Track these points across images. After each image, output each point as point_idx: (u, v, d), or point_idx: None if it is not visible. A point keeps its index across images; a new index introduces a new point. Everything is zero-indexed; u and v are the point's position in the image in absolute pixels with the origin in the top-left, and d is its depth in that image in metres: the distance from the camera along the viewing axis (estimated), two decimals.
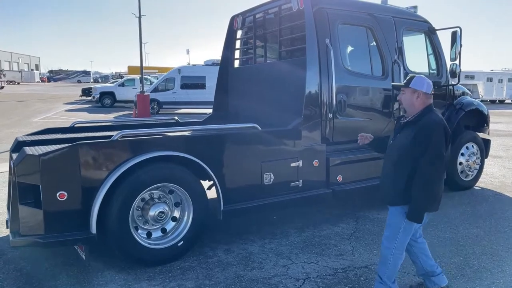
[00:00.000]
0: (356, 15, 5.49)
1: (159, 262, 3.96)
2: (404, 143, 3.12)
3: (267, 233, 4.85)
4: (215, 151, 4.21)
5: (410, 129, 3.12)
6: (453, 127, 6.39)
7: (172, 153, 3.90)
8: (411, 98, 3.18)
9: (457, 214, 5.58)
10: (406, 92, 3.22)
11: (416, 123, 3.11)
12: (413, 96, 3.17)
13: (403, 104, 3.26)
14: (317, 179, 4.99)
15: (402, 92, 3.26)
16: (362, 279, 3.75)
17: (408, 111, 3.23)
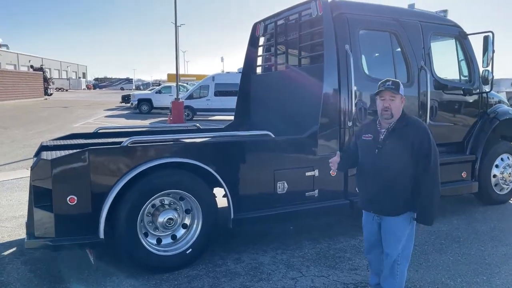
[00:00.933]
0: (379, 20, 5.31)
1: (167, 269, 3.95)
2: (403, 149, 3.01)
3: (280, 244, 4.73)
4: (226, 159, 4.17)
5: (402, 134, 3.05)
6: (486, 137, 6.03)
7: (180, 160, 3.90)
8: (399, 104, 3.13)
9: (487, 230, 5.23)
10: (397, 99, 3.11)
11: (406, 126, 3.07)
12: (400, 102, 3.14)
13: (393, 110, 3.10)
14: (334, 189, 4.84)
15: (392, 98, 3.10)
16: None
17: (395, 117, 3.12)
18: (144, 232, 3.96)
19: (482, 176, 6.06)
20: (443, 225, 5.39)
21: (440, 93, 5.69)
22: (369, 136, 3.20)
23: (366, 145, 3.21)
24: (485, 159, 6.06)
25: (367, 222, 3.32)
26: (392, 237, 3.12)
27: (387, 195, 3.07)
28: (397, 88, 3.09)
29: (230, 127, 6.71)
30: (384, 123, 3.16)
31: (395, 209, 3.08)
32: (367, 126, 3.34)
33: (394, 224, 3.09)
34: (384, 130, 3.15)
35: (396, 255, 3.12)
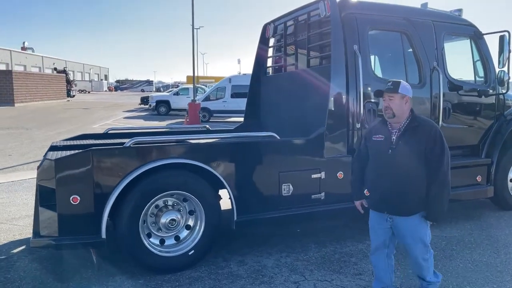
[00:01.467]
0: (390, 20, 5.20)
1: (169, 270, 3.94)
2: (416, 149, 3.05)
3: (286, 246, 4.68)
4: (229, 160, 4.14)
5: (415, 133, 3.08)
6: (503, 140, 5.83)
7: (183, 161, 3.89)
8: (401, 104, 3.13)
9: (502, 236, 5.05)
10: (395, 98, 3.12)
11: (418, 126, 3.10)
12: (402, 102, 3.13)
13: (394, 110, 3.13)
14: (341, 192, 4.73)
15: (390, 98, 3.14)
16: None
17: (398, 117, 3.14)
18: (147, 232, 3.97)
19: (498, 181, 5.85)
20: (455, 230, 5.23)
21: (454, 95, 5.54)
22: (381, 137, 3.21)
23: (377, 145, 3.22)
24: (501, 162, 5.86)
25: (377, 223, 3.31)
26: (412, 238, 3.15)
27: (401, 195, 3.08)
28: (395, 88, 3.11)
29: (239, 128, 6.71)
30: (393, 123, 3.18)
31: (408, 208, 3.10)
32: (377, 127, 3.33)
33: (409, 224, 3.12)
34: (396, 130, 3.16)
35: (422, 254, 3.19)
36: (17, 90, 30.53)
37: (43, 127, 17.81)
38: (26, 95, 31.89)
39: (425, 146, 3.04)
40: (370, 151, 3.30)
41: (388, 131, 3.19)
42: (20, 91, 30.93)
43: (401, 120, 3.15)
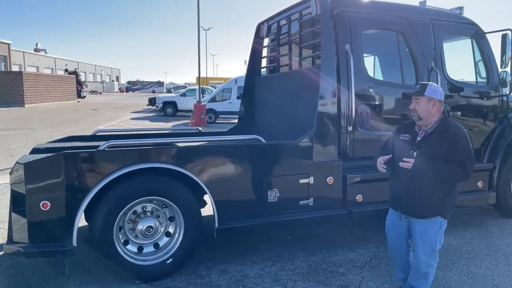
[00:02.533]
0: (385, 18, 4.97)
1: (146, 279, 3.78)
2: (437, 154, 3.03)
3: (273, 254, 4.48)
4: (210, 164, 3.95)
5: (440, 138, 3.07)
6: (506, 144, 5.55)
7: (159, 166, 3.72)
8: (427, 107, 3.12)
9: (503, 246, 4.78)
10: (421, 101, 3.13)
11: (444, 131, 3.08)
12: (429, 104, 3.11)
13: (419, 113, 3.14)
14: (331, 198, 4.53)
15: (416, 101, 3.15)
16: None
17: (425, 120, 3.14)
18: (125, 240, 3.81)
19: (501, 186, 5.58)
20: (453, 238, 4.98)
21: (453, 96, 5.28)
22: (407, 136, 3.23)
23: (402, 144, 3.23)
24: (504, 168, 5.58)
25: (394, 222, 3.34)
26: (423, 240, 3.14)
27: (415, 196, 3.10)
28: (421, 91, 3.12)
29: (233, 130, 6.53)
30: (421, 125, 3.19)
31: (425, 211, 3.10)
32: (406, 127, 3.35)
33: (426, 228, 3.12)
34: (422, 132, 3.18)
35: (428, 259, 3.15)
36: (27, 91, 30.81)
37: (49, 128, 17.87)
38: (36, 96, 32.19)
39: (446, 151, 3.00)
40: (395, 148, 3.30)
41: (415, 132, 3.21)
42: (30, 92, 31.22)
43: (429, 122, 3.14)
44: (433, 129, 3.14)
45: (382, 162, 3.26)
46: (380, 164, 3.27)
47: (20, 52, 55.23)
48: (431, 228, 3.12)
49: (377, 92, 4.87)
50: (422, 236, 3.14)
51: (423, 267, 3.17)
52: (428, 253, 3.14)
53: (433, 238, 3.13)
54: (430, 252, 3.14)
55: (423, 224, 3.13)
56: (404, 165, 3.02)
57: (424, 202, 3.08)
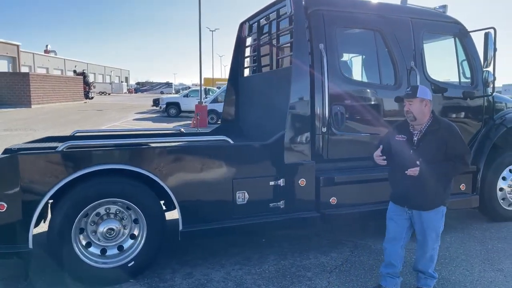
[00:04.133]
0: (362, 17, 4.87)
1: (106, 282, 3.72)
2: (436, 150, 3.29)
3: (243, 258, 4.41)
4: (174, 165, 3.88)
5: (436, 136, 3.32)
6: (490, 146, 5.40)
7: (118, 167, 3.66)
8: (420, 107, 3.35)
9: (482, 251, 4.63)
10: (414, 103, 3.35)
11: (439, 129, 3.34)
12: (422, 105, 3.35)
13: (414, 113, 3.36)
14: (303, 201, 4.44)
15: (410, 102, 3.37)
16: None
17: (419, 119, 3.37)
18: (87, 242, 3.77)
19: (486, 189, 5.42)
20: None
21: (435, 97, 5.09)
22: (403, 137, 3.43)
23: (400, 145, 3.42)
24: (490, 170, 5.43)
25: (396, 214, 3.54)
26: (429, 228, 3.41)
27: (421, 191, 3.32)
28: (413, 94, 3.35)
29: (217, 131, 6.47)
30: (415, 125, 3.41)
31: (431, 204, 3.37)
32: (400, 128, 3.55)
33: (431, 218, 3.39)
34: (417, 132, 3.40)
35: (433, 243, 3.46)
36: (34, 92, 31.13)
37: (51, 129, 17.98)
38: (43, 97, 32.52)
39: (445, 147, 3.29)
40: (393, 149, 3.47)
41: (410, 132, 3.43)
42: (37, 93, 31.54)
43: (422, 122, 3.37)
44: (427, 128, 3.37)
45: (380, 155, 3.47)
46: (379, 158, 3.47)
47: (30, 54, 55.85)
48: (436, 216, 3.41)
49: (353, 92, 4.77)
50: (429, 226, 3.41)
51: (429, 251, 3.47)
52: (434, 238, 3.45)
53: (438, 225, 3.44)
54: (436, 237, 3.46)
55: (429, 215, 3.39)
56: (410, 173, 3.25)
57: (429, 196, 3.34)
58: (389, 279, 3.60)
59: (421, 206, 3.39)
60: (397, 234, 3.56)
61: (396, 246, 3.57)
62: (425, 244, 3.47)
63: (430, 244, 3.45)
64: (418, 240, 3.53)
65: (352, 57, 5.53)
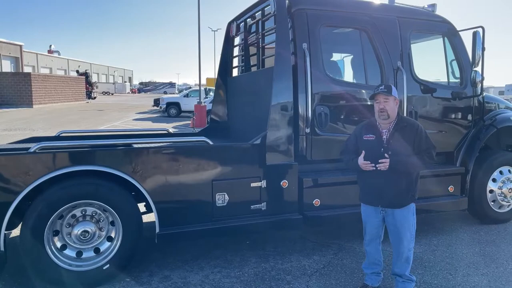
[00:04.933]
0: (346, 16, 4.79)
1: (79, 285, 3.66)
2: (406, 146, 3.33)
3: (224, 260, 4.34)
4: (150, 167, 3.82)
5: (405, 133, 3.37)
6: (480, 147, 5.31)
7: (90, 168, 3.61)
8: (394, 106, 3.42)
9: (468, 254, 4.54)
10: (390, 100, 3.39)
11: (407, 126, 3.41)
12: (394, 103, 3.43)
13: (389, 112, 3.38)
14: (286, 203, 4.38)
15: (386, 100, 3.38)
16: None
17: (391, 118, 3.41)
18: (62, 244, 3.71)
19: (475, 191, 5.33)
20: (418, 245, 4.72)
21: (422, 97, 5.07)
22: (371, 136, 3.44)
23: (369, 144, 3.42)
24: (479, 171, 5.34)
25: (371, 216, 3.55)
26: (403, 227, 3.41)
27: (393, 189, 3.35)
28: (389, 91, 3.38)
29: (205, 131, 6.41)
30: (383, 124, 3.42)
31: (402, 201, 3.39)
32: (367, 127, 3.53)
33: (404, 216, 3.40)
34: (386, 130, 3.43)
35: (408, 243, 3.44)
36: (35, 92, 31.19)
37: (50, 129, 18.00)
38: (44, 97, 32.58)
39: (413, 143, 3.34)
40: (363, 150, 3.43)
41: (378, 131, 3.44)
42: (38, 93, 31.61)
43: (392, 120, 3.41)
44: (395, 125, 3.41)
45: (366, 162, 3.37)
46: (368, 164, 3.36)
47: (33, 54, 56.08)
48: (408, 214, 3.42)
49: (338, 92, 4.70)
50: (403, 224, 3.41)
51: (406, 252, 3.45)
52: (409, 238, 3.44)
53: (411, 223, 3.45)
54: (410, 237, 3.45)
55: (401, 213, 3.40)
56: (381, 167, 3.27)
57: (400, 193, 3.36)
58: (374, 277, 3.69)
59: (394, 204, 3.40)
60: (374, 235, 3.60)
61: (376, 245, 3.63)
62: (400, 244, 3.45)
63: (406, 244, 3.44)
64: (393, 242, 3.52)
65: (344, 57, 5.46)
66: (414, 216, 3.49)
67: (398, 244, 3.46)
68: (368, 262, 3.69)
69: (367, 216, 3.60)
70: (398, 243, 3.46)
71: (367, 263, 3.70)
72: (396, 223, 3.43)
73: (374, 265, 3.66)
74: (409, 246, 3.46)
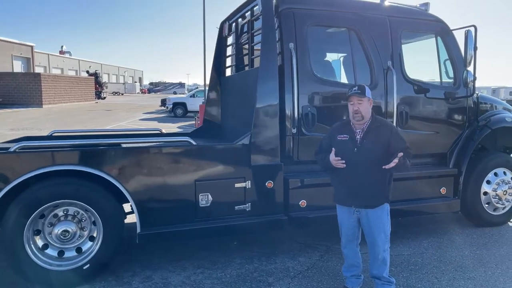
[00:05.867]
0: (335, 15, 4.75)
1: (60, 285, 3.67)
2: (380, 147, 3.30)
3: (208, 261, 4.32)
4: (131, 167, 3.82)
5: (379, 133, 3.35)
6: (473, 148, 5.21)
7: (70, 168, 3.61)
8: (368, 106, 3.39)
9: (457, 257, 4.45)
10: (364, 101, 3.35)
11: (381, 126, 3.40)
12: (368, 104, 3.40)
13: (363, 113, 3.35)
14: (271, 203, 4.34)
15: (360, 102, 3.35)
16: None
17: (365, 119, 3.38)
18: (44, 244, 3.73)
19: (468, 193, 5.23)
20: (407, 248, 4.69)
21: (414, 97, 4.99)
22: (345, 136, 3.42)
23: (343, 145, 3.40)
24: (473, 173, 5.24)
25: (346, 218, 3.51)
26: (377, 228, 3.38)
27: (367, 189, 3.32)
28: (363, 92, 3.34)
29: (198, 131, 6.42)
30: (357, 124, 3.39)
31: (376, 201, 3.37)
32: (340, 128, 3.52)
33: (375, 215, 3.37)
34: (360, 130, 3.40)
35: (383, 244, 3.40)
36: (45, 92, 31.54)
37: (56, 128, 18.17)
38: (54, 97, 32.95)
39: (387, 144, 3.30)
40: (336, 149, 3.40)
41: (352, 131, 3.41)
42: (48, 93, 31.96)
43: (366, 121, 3.39)
44: (369, 125, 3.38)
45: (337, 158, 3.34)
46: (339, 161, 3.33)
47: (45, 55, 56.78)
48: (382, 214, 3.39)
49: (325, 93, 4.66)
50: (377, 224, 3.38)
51: (381, 253, 3.40)
52: (383, 239, 3.40)
53: (385, 223, 3.41)
54: (385, 238, 3.41)
55: (375, 213, 3.37)
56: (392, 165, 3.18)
57: (374, 192, 3.35)
58: (354, 280, 3.64)
59: (368, 204, 3.37)
60: (350, 237, 3.56)
61: (354, 247, 3.60)
62: (375, 245, 3.42)
63: (381, 245, 3.40)
64: (369, 243, 3.49)
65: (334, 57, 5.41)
66: (389, 217, 3.45)
67: (374, 246, 3.43)
68: (347, 265, 3.66)
69: (342, 217, 3.56)
70: (374, 244, 3.43)
71: (346, 266, 3.67)
72: (370, 223, 3.39)
73: (353, 267, 3.62)
74: (384, 247, 3.43)
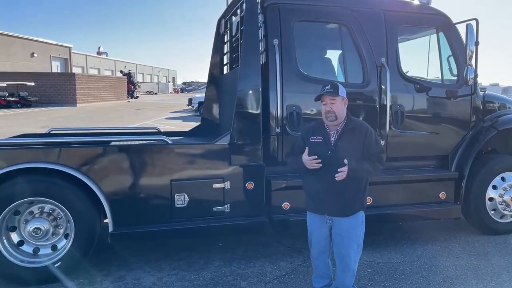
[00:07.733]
0: (324, 10, 4.53)
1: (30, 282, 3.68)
2: (355, 150, 3.11)
3: (186, 263, 4.24)
4: (104, 165, 3.79)
5: (353, 135, 3.15)
6: (477, 150, 4.85)
7: (40, 165, 3.62)
8: (341, 106, 3.18)
9: (450, 267, 4.15)
10: (337, 101, 3.15)
11: (356, 128, 3.17)
12: (342, 103, 3.19)
13: (336, 113, 3.15)
14: (252, 205, 4.21)
15: (332, 101, 3.14)
16: None
17: (339, 119, 3.17)
18: (19, 240, 3.77)
19: (473, 199, 4.88)
20: (399, 255, 4.42)
21: (410, 96, 4.71)
22: (319, 138, 3.22)
23: (316, 147, 3.19)
24: (477, 177, 4.88)
25: (317, 227, 3.28)
26: (350, 238, 3.17)
27: (340, 195, 3.11)
28: (335, 91, 3.13)
29: (196, 130, 6.35)
30: (331, 125, 3.20)
31: (350, 209, 3.16)
32: (314, 129, 3.31)
33: (350, 225, 3.15)
34: (334, 132, 3.21)
35: (355, 255, 3.21)
36: (79, 92, 32.69)
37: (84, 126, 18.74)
38: (88, 96, 34.07)
39: (362, 146, 3.12)
40: (309, 152, 3.18)
41: (326, 133, 3.22)
42: (82, 92, 33.09)
43: (340, 122, 3.18)
44: (343, 127, 3.18)
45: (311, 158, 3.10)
46: (312, 161, 3.09)
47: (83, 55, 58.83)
48: (356, 223, 3.19)
49: (312, 91, 4.43)
50: (349, 234, 3.17)
51: (352, 264, 3.21)
52: (356, 249, 3.21)
53: (358, 233, 3.21)
54: (357, 248, 3.22)
55: (349, 222, 3.16)
56: (340, 176, 2.98)
57: (348, 200, 3.13)
58: None
59: (342, 212, 3.15)
60: (322, 248, 3.33)
61: (325, 258, 3.38)
62: (347, 257, 3.19)
63: (353, 256, 3.20)
64: (339, 254, 3.23)
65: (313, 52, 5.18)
66: (363, 225, 3.25)
67: (345, 257, 3.19)
68: (316, 275, 3.47)
69: (313, 226, 3.32)
70: (345, 256, 3.19)
71: (316, 277, 3.47)
72: (342, 233, 3.16)
73: (323, 278, 3.43)
74: (356, 257, 3.22)
